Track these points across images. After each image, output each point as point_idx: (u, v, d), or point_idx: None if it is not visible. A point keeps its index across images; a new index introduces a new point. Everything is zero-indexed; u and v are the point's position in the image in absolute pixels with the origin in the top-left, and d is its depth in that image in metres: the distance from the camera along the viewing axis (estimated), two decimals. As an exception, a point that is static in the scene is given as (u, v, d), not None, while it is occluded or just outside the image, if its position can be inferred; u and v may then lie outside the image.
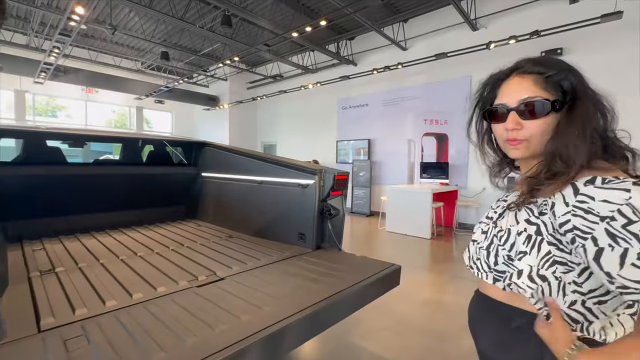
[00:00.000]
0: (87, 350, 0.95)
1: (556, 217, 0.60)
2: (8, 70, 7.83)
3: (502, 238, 0.69)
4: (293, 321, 1.09)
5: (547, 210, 0.63)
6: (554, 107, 0.64)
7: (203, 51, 8.86)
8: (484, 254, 0.73)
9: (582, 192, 0.57)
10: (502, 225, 0.71)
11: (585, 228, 0.55)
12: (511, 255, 0.67)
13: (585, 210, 0.56)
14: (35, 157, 2.57)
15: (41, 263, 1.76)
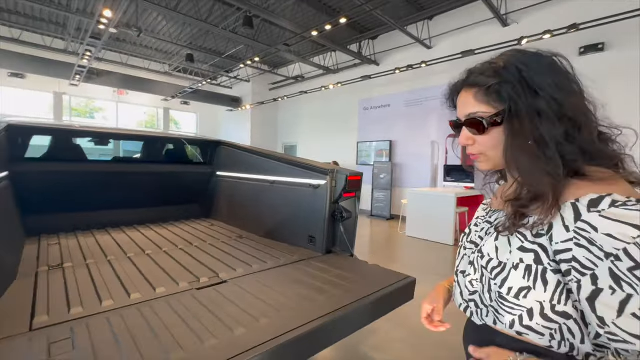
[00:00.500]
0: (69, 356, 0.90)
1: (553, 242, 0.52)
2: (48, 73, 8.34)
3: (493, 271, 0.59)
4: (291, 338, 0.99)
5: (543, 231, 0.53)
6: (494, 121, 0.59)
7: (227, 53, 9.01)
8: (480, 287, 0.62)
9: (584, 219, 0.48)
10: (488, 253, 0.60)
11: (586, 262, 0.47)
12: (502, 293, 0.56)
13: (588, 241, 0.47)
14: (59, 154, 2.65)
15: (52, 258, 1.77)
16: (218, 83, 11.79)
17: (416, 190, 5.74)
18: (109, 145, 5.79)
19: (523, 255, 0.54)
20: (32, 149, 2.59)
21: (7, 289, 1.34)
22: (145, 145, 3.24)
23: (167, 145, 3.38)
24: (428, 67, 6.54)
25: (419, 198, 5.55)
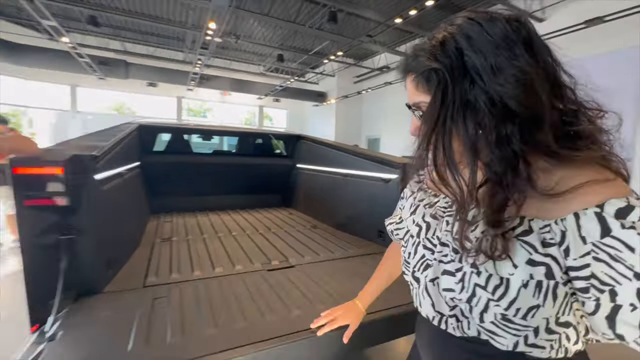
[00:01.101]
0: (164, 308, 1.11)
1: (570, 257, 0.43)
2: (172, 81, 10.13)
3: (496, 291, 0.47)
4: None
5: (554, 239, 0.44)
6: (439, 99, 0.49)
7: (313, 50, 9.37)
8: (467, 308, 0.51)
9: (615, 235, 0.39)
10: (486, 268, 0.48)
11: (606, 278, 0.40)
12: (508, 315, 0.46)
13: (611, 257, 0.40)
14: (175, 148, 3.23)
15: (165, 232, 2.19)
16: (305, 79, 12.37)
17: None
18: (213, 140, 6.73)
19: (533, 270, 0.45)
20: (156, 144, 3.21)
21: (133, 254, 1.72)
22: (237, 140, 3.67)
23: (254, 140, 3.74)
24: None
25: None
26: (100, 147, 1.40)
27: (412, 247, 0.64)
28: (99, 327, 1.00)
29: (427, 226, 0.61)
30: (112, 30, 8.88)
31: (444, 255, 0.56)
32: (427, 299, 0.59)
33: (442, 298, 0.55)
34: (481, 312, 0.49)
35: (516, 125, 0.45)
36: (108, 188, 1.44)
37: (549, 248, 0.44)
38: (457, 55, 0.47)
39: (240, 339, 0.95)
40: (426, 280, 0.58)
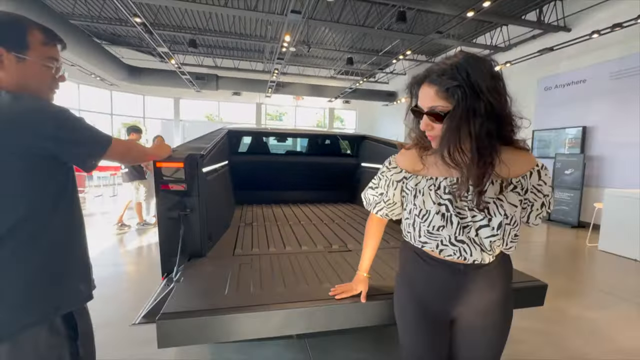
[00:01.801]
0: (248, 271, 1.46)
1: (526, 193, 0.88)
2: (253, 89, 11.29)
3: (512, 223, 0.84)
4: (388, 302, 1.20)
5: (521, 186, 0.86)
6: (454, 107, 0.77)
7: (383, 50, 9.40)
8: (500, 243, 0.86)
9: (542, 179, 0.88)
10: (507, 212, 0.83)
11: (535, 195, 0.89)
12: (517, 233, 0.87)
13: (538, 190, 0.89)
14: (255, 149, 3.75)
15: (247, 218, 2.64)
16: (375, 80, 12.42)
17: (618, 192, 4.31)
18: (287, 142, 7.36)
19: (521, 205, 0.87)
20: (240, 146, 3.78)
21: (225, 232, 2.16)
22: (307, 141, 4.05)
23: (323, 141, 4.07)
24: (654, 21, 4.66)
25: (624, 202, 4.15)
26: (205, 148, 1.84)
27: (442, 220, 0.85)
28: (206, 278, 1.39)
29: (450, 202, 0.85)
30: (206, 49, 10.35)
31: (474, 216, 0.84)
32: (476, 248, 0.86)
33: (485, 245, 0.85)
34: (506, 240, 0.85)
35: (496, 125, 0.78)
36: (210, 179, 1.88)
37: (522, 191, 0.86)
38: (467, 78, 0.75)
39: (301, 297, 1.22)
40: (471, 237, 0.85)
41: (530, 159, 0.86)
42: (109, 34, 9.15)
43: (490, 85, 0.75)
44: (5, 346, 0.70)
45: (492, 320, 0.92)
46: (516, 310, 1.52)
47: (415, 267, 0.95)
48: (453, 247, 0.86)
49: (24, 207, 0.76)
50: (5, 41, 0.79)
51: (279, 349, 1.88)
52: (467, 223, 0.84)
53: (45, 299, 0.77)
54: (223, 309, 1.10)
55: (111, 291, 2.68)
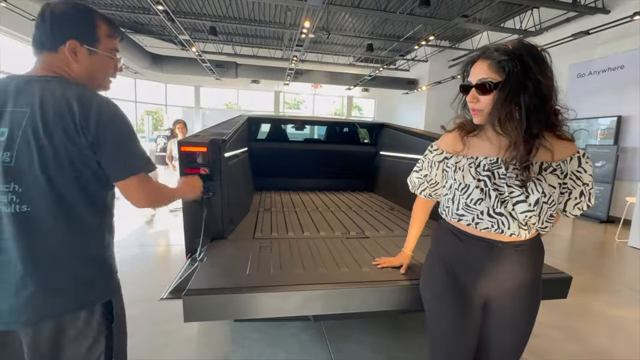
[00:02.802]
0: (268, 253, 1.50)
1: (566, 177, 0.91)
2: (272, 77, 11.27)
3: (550, 202, 0.89)
4: (405, 287, 1.22)
5: (561, 170, 0.89)
6: (497, 86, 0.84)
7: (405, 36, 9.11)
8: (536, 221, 0.89)
9: (582, 166, 0.90)
10: (545, 191, 0.87)
11: (575, 182, 0.92)
12: (552, 213, 0.91)
13: (577, 177, 0.91)
14: (273, 136, 3.78)
15: (266, 204, 2.69)
16: (396, 67, 12.10)
17: (653, 186, 4.07)
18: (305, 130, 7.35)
19: (559, 187, 0.90)
20: (259, 133, 3.81)
21: (245, 217, 2.22)
22: (325, 129, 4.03)
23: (341, 129, 4.04)
24: None
25: (658, 197, 3.92)
26: (226, 133, 1.87)
27: (481, 194, 0.91)
28: (227, 258, 1.44)
29: (488, 177, 0.90)
30: (226, 36, 10.37)
31: (511, 192, 0.88)
32: (514, 222, 0.89)
33: (520, 219, 0.89)
34: (542, 218, 0.89)
35: (542, 103, 0.83)
36: (231, 164, 1.92)
37: (561, 175, 0.89)
38: (520, 58, 0.82)
39: (320, 279, 1.25)
40: (508, 210, 0.88)
41: (572, 146, 0.90)
42: (133, 22, 9.33)
43: (540, 68, 0.82)
44: (48, 325, 0.76)
45: (523, 303, 0.95)
46: (538, 303, 1.49)
47: (451, 247, 0.98)
48: (491, 219, 0.90)
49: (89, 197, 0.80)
50: (79, 35, 0.81)
51: (296, 330, 1.94)
52: (505, 198, 0.89)
53: (92, 286, 0.82)
54: (244, 287, 1.14)
55: (137, 270, 2.83)
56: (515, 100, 0.81)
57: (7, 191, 0.71)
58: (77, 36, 0.80)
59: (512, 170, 0.87)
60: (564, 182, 0.90)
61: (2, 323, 0.73)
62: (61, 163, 0.74)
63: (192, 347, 1.85)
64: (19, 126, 0.71)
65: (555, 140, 0.88)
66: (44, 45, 0.79)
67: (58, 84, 0.76)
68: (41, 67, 0.80)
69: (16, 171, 0.71)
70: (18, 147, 0.71)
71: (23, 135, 0.71)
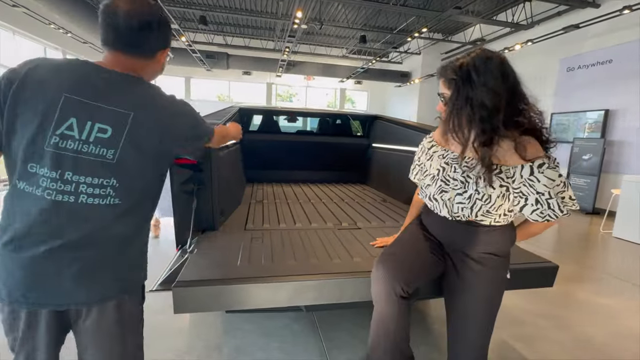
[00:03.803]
0: (259, 244, 1.49)
1: (514, 182, 0.98)
2: (264, 69, 11.12)
3: (485, 200, 1.00)
4: None
5: (510, 175, 0.97)
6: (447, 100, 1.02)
7: (398, 28, 9.06)
8: (467, 213, 1.03)
9: (534, 175, 0.95)
10: (479, 190, 0.99)
11: (527, 192, 0.98)
12: (490, 210, 1.01)
13: (530, 185, 0.96)
14: (265, 127, 3.74)
15: (258, 196, 2.67)
16: (389, 59, 12.05)
17: (638, 178, 4.17)
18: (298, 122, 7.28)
19: (502, 189, 0.98)
20: (251, 125, 3.77)
21: (236, 208, 2.20)
22: (317, 121, 4.01)
23: (333, 121, 4.02)
24: (693, -5, 4.33)
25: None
26: (217, 124, 1.84)
27: (432, 182, 1.11)
28: (218, 250, 1.43)
29: (443, 169, 1.09)
30: (217, 26, 10.16)
31: (455, 186, 1.04)
32: (445, 208, 1.08)
33: (454, 207, 1.05)
34: (476, 211, 1.02)
35: (487, 113, 0.92)
36: (222, 155, 1.89)
37: (508, 179, 0.97)
38: (467, 74, 0.94)
39: (311, 270, 1.25)
40: (444, 199, 1.07)
41: (531, 152, 0.94)
42: (120, 10, 9.06)
43: (484, 80, 0.92)
44: (112, 304, 0.82)
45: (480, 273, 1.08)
46: (524, 293, 1.53)
47: (423, 211, 1.27)
48: (430, 202, 1.14)
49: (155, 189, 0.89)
50: (169, 42, 0.90)
51: (288, 320, 1.94)
52: (448, 189, 1.06)
53: (141, 270, 0.91)
54: (235, 279, 1.13)
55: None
56: (460, 113, 0.95)
57: (106, 185, 0.76)
58: (169, 43, 0.91)
59: (463, 167, 1.02)
60: (514, 187, 0.96)
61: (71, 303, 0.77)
62: (156, 161, 0.84)
63: (183, 338, 1.84)
64: (123, 126, 0.76)
65: (520, 145, 0.94)
66: (141, 50, 0.83)
67: (149, 88, 0.84)
68: (123, 66, 0.81)
69: (117, 168, 0.76)
70: (122, 146, 0.76)
71: (127, 136, 0.76)
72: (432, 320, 2.07)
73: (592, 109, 6.10)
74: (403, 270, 1.09)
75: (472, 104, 0.92)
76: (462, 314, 1.10)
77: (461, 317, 1.11)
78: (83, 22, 6.92)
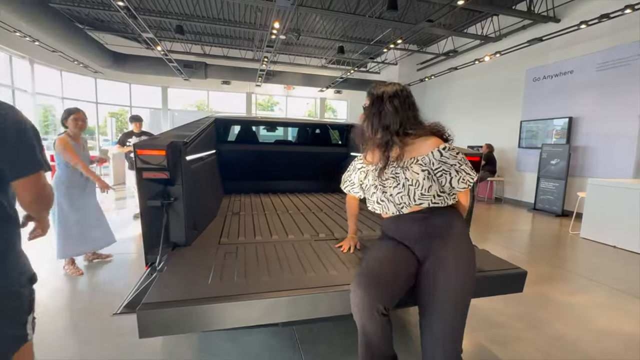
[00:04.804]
0: (232, 260, 1.45)
1: (433, 166, 1.29)
2: (243, 78, 11.06)
3: (416, 185, 1.28)
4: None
5: (427, 161, 1.29)
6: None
7: (375, 39, 9.30)
8: (407, 199, 1.30)
9: (444, 156, 1.29)
10: (407, 177, 1.29)
11: (446, 169, 1.29)
12: (424, 193, 1.27)
13: (444, 163, 1.29)
14: (243, 138, 3.69)
15: (235, 208, 2.61)
16: (367, 69, 12.31)
17: (600, 181, 4.42)
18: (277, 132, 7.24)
19: (425, 173, 1.27)
20: (228, 135, 3.71)
21: (211, 221, 2.14)
22: (296, 130, 4.01)
23: (312, 130, 4.03)
24: (639, 13, 4.71)
25: (606, 191, 4.26)
26: (188, 136, 1.80)
27: (374, 188, 1.38)
28: (189, 267, 1.37)
29: (378, 178, 1.36)
30: (194, 36, 10.06)
31: (391, 184, 1.32)
32: (391, 205, 1.34)
33: (396, 201, 1.32)
34: (413, 197, 1.28)
35: (395, 124, 1.31)
36: (194, 168, 1.85)
37: (426, 165, 1.27)
38: (381, 97, 1.33)
39: (285, 285, 1.22)
40: (387, 196, 1.34)
41: (435, 142, 1.29)
42: (92, 18, 8.80)
43: (391, 105, 1.30)
44: None
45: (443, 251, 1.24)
46: (500, 297, 1.57)
47: (383, 225, 1.47)
48: (378, 205, 1.38)
49: None
50: None
51: (266, 336, 1.89)
52: (386, 189, 1.34)
53: None
54: (205, 298, 1.09)
55: (99, 280, 2.65)
56: (374, 120, 1.32)
57: None
58: None
59: (389, 168, 1.32)
60: (436, 168, 1.26)
61: None
62: None
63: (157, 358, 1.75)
64: None
65: (421, 141, 1.29)
66: None
67: None
68: None
69: None
70: None
71: None
72: (412, 326, 2.08)
73: (558, 117, 6.45)
74: (381, 288, 1.13)
75: (382, 116, 1.31)
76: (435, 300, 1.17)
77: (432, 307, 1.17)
78: (52, 30, 6.67)
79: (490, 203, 7.60)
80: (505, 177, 7.80)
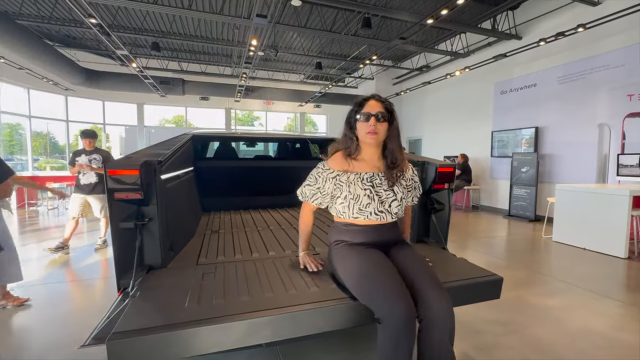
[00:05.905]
0: (211, 281, 1.41)
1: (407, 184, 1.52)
2: (222, 94, 11.03)
3: (401, 200, 1.46)
4: (352, 304, 1.21)
5: (405, 180, 1.51)
6: (389, 119, 1.42)
7: (351, 55, 9.58)
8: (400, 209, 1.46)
9: (413, 175, 1.57)
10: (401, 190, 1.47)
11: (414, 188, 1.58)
12: (401, 206, 1.46)
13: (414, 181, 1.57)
14: (222, 154, 3.65)
15: (214, 225, 2.55)
16: (345, 84, 12.60)
17: (567, 187, 4.66)
18: (257, 147, 7.21)
19: (404, 191, 1.48)
20: (206, 151, 3.66)
21: (189, 241, 2.07)
22: (275, 145, 4.01)
23: (291, 144, 4.05)
24: (593, 31, 5.13)
25: (572, 196, 4.50)
26: (163, 154, 1.76)
27: (368, 199, 1.40)
28: (165, 291, 1.32)
29: (371, 187, 1.42)
30: (171, 52, 9.99)
31: (388, 196, 1.43)
32: (388, 214, 1.43)
33: (392, 211, 1.44)
34: (402, 208, 1.48)
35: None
36: (170, 186, 1.80)
37: (406, 180, 1.51)
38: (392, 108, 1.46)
39: (266, 305, 1.19)
40: (385, 207, 1.42)
41: (408, 164, 1.53)
42: (63, 35, 8.58)
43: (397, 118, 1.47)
44: None
45: (403, 247, 1.46)
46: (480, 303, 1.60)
47: (350, 233, 1.43)
48: (377, 215, 1.41)
49: None
50: None
51: (250, 356, 1.83)
52: (383, 200, 1.42)
53: None
54: (182, 323, 1.04)
55: (65, 309, 2.48)
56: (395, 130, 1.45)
57: None
58: None
59: (384, 180, 1.42)
60: (407, 185, 1.49)
61: None
62: None
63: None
64: None
65: (405, 161, 1.49)
66: None
67: None
68: None
69: None
70: None
71: None
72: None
73: (525, 127, 6.82)
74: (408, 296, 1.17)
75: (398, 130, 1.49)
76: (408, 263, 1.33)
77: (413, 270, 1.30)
78: (19, 47, 6.43)
79: (468, 211, 7.82)
80: (480, 185, 8.09)
